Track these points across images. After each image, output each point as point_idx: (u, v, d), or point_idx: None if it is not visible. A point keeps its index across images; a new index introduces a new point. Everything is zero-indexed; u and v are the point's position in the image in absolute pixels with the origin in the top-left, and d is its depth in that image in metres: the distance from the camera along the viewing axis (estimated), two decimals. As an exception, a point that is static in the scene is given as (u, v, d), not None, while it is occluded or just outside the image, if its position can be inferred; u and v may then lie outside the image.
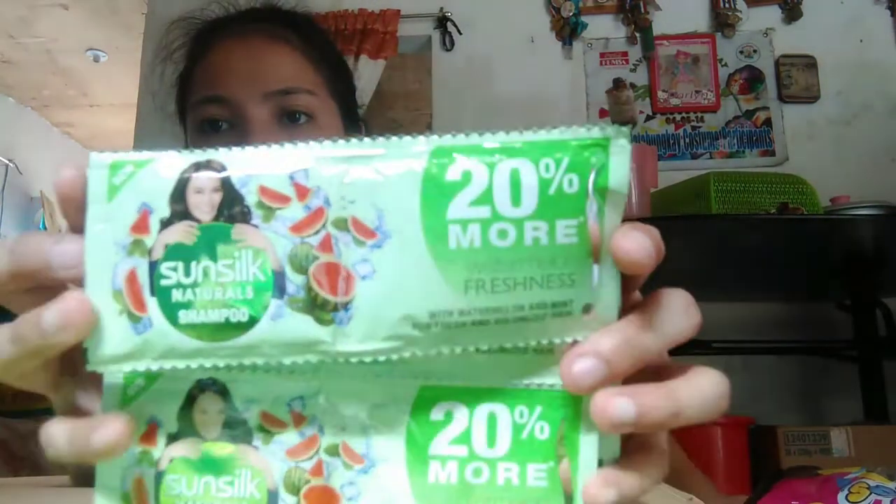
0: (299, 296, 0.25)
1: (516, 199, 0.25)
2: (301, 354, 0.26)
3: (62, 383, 0.30)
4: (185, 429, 0.27)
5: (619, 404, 0.25)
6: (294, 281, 0.25)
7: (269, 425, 0.27)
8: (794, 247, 1.80)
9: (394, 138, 0.26)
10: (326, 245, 0.25)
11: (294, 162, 0.26)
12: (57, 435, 0.27)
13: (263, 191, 0.26)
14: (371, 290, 0.25)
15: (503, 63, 2.47)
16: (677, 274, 0.29)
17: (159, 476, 0.27)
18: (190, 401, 0.27)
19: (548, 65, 2.49)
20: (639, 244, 0.25)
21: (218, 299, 0.26)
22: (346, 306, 0.25)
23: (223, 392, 0.27)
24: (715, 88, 2.47)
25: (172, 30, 0.78)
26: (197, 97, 0.73)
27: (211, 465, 0.27)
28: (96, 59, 4.04)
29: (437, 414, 0.27)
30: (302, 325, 0.25)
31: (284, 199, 0.26)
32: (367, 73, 2.39)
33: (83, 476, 0.37)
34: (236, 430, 0.27)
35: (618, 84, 2.48)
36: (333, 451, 0.27)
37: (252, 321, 0.26)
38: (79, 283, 0.26)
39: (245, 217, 0.26)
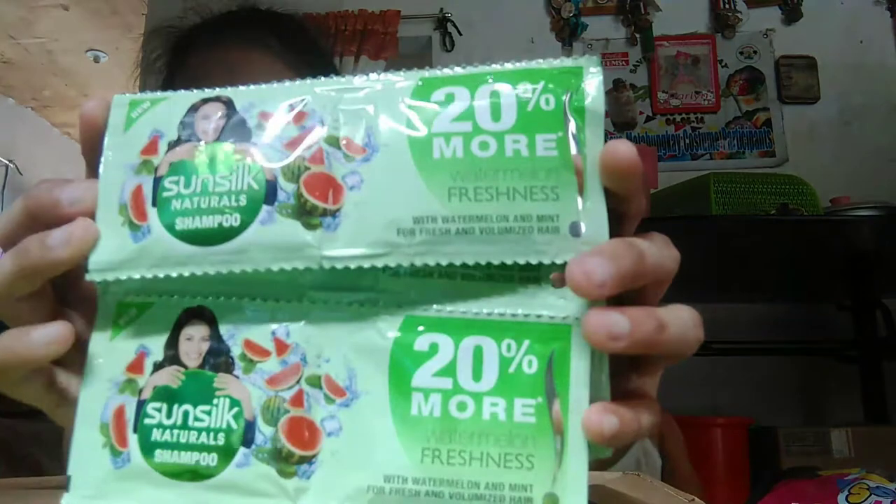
0: (289, 202, 0.27)
1: (496, 115, 0.26)
2: (288, 261, 0.27)
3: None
4: (171, 357, 0.28)
5: (613, 317, 0.25)
6: (285, 189, 0.27)
7: (252, 354, 0.28)
8: (794, 247, 1.80)
9: (384, 74, 0.28)
10: (318, 158, 0.27)
11: (294, 93, 0.28)
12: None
13: (263, 115, 0.28)
14: (358, 198, 0.27)
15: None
16: (677, 275, 0.30)
17: (141, 405, 0.28)
18: (177, 329, 0.28)
19: (548, 65, 2.49)
20: (629, 151, 0.26)
21: (213, 206, 0.27)
22: (334, 213, 0.27)
23: (210, 320, 0.28)
24: (715, 89, 2.47)
25: (152, 40, 0.77)
26: None
27: (190, 395, 0.28)
28: (96, 60, 4.04)
29: (421, 345, 0.26)
30: (290, 230, 0.27)
31: (283, 123, 0.28)
32: (368, 74, 2.39)
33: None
34: (219, 358, 0.28)
35: (618, 85, 2.48)
36: (315, 382, 0.27)
37: (243, 226, 0.27)
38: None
39: (245, 137, 0.28)
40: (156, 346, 0.29)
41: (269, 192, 0.27)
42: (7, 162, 4.39)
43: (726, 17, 2.48)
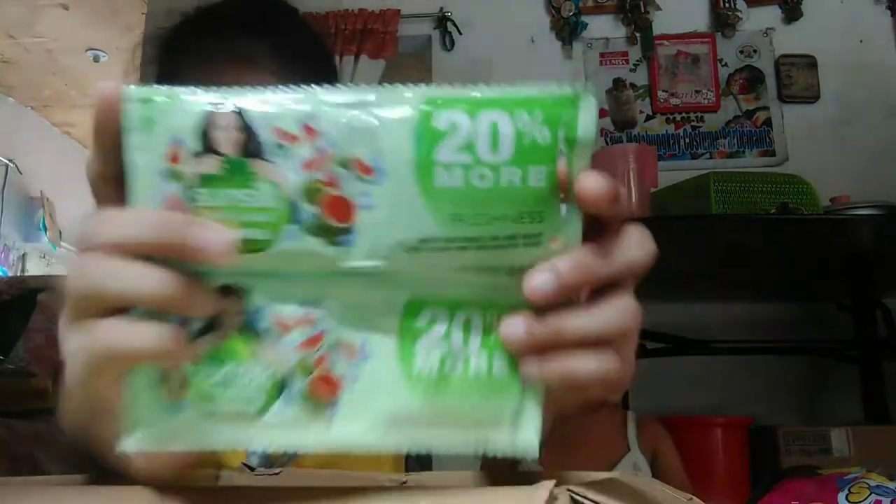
0: (311, 222, 0.29)
1: (495, 145, 0.29)
2: (310, 265, 0.30)
3: None
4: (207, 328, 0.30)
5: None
6: (306, 210, 0.29)
7: (281, 330, 0.31)
8: (794, 247, 1.80)
9: (387, 86, 0.30)
10: (333, 181, 0.29)
11: (304, 103, 0.30)
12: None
13: (278, 132, 0.29)
14: (370, 219, 0.29)
15: (503, 63, 2.46)
16: (677, 274, 0.30)
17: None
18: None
19: (548, 65, 2.49)
20: (597, 183, 0.30)
21: (242, 221, 0.29)
22: (349, 231, 0.29)
23: (241, 293, 0.31)
24: (715, 88, 2.47)
25: (143, 49, 0.76)
26: None
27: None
28: (96, 59, 4.04)
29: (422, 320, 0.31)
30: (312, 247, 0.29)
31: (297, 142, 0.29)
32: (367, 74, 2.39)
33: (101, 470, 0.37)
34: (251, 330, 0.30)
35: (618, 84, 2.48)
36: (334, 347, 0.31)
37: (269, 243, 0.29)
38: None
39: (264, 154, 0.29)
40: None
41: (294, 213, 0.29)
42: (7, 161, 4.39)
43: (726, 16, 2.48)
